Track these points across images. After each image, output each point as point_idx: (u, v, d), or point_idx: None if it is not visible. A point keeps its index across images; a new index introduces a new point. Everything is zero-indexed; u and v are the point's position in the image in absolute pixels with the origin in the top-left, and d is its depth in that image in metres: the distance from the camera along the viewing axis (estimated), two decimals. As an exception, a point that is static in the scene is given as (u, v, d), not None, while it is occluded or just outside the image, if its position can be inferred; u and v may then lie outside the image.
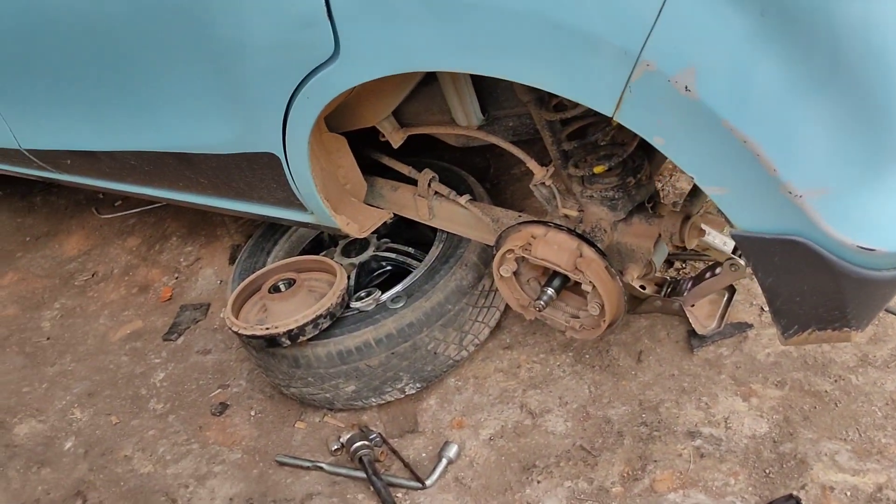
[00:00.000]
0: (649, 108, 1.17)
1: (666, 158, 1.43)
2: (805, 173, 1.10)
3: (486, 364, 2.14)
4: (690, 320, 2.01)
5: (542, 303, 1.72)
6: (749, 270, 1.71)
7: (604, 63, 1.16)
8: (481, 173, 2.74)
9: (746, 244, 1.23)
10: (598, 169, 1.69)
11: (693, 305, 2.05)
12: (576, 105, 1.61)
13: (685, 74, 1.09)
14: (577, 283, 1.72)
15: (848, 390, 1.79)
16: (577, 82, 1.22)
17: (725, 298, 2.05)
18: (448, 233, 2.14)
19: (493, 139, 1.90)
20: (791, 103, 1.06)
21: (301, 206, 1.95)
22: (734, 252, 1.75)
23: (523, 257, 1.73)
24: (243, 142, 1.82)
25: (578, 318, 1.78)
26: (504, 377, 2.09)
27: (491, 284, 2.11)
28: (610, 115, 1.22)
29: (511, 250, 1.72)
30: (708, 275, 1.98)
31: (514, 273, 1.79)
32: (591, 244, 1.64)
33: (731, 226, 1.23)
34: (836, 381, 1.82)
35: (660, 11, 1.06)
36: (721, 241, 1.77)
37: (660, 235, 1.73)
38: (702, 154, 1.17)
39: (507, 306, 2.20)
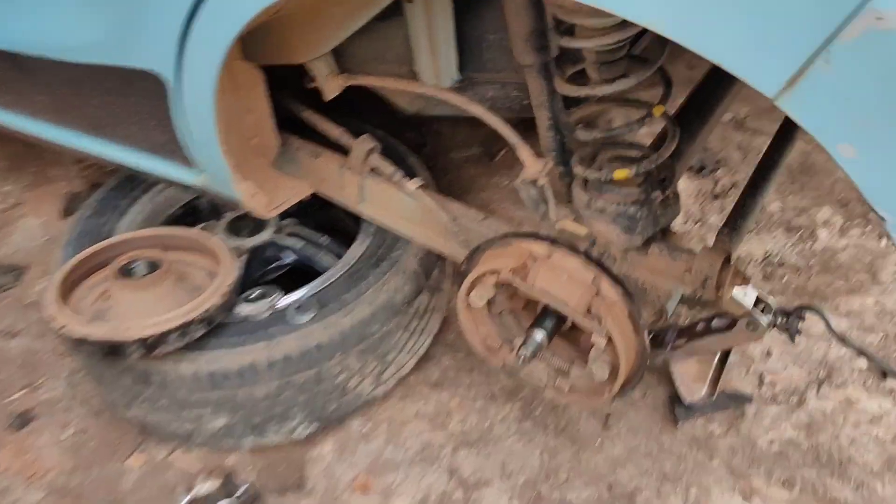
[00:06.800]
0: (852, 91, 0.70)
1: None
2: None
3: (406, 405, 1.62)
4: (676, 383, 1.58)
5: (527, 353, 1.20)
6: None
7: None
8: (413, 153, 2.18)
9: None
10: (619, 174, 1.21)
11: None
12: (602, 80, 1.13)
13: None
14: (574, 327, 1.24)
15: (873, 502, 1.41)
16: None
17: (717, 359, 1.63)
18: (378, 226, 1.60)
19: (475, 109, 1.38)
20: None
21: (185, 159, 1.35)
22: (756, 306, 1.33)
23: (509, 283, 1.21)
24: (114, 48, 1.21)
25: (568, 375, 1.28)
26: (429, 426, 1.58)
27: (428, 302, 1.59)
28: (771, 97, 0.74)
29: (495, 272, 1.20)
30: (700, 326, 1.55)
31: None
32: (617, 280, 1.16)
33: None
34: (857, 487, 1.43)
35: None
36: (741, 293, 1.34)
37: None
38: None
39: (439, 331, 1.69)
